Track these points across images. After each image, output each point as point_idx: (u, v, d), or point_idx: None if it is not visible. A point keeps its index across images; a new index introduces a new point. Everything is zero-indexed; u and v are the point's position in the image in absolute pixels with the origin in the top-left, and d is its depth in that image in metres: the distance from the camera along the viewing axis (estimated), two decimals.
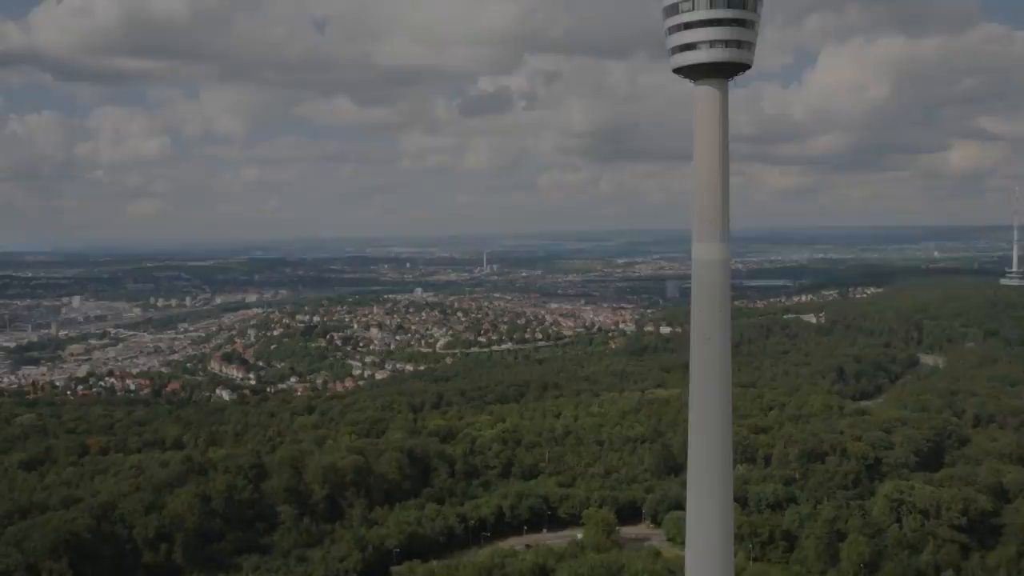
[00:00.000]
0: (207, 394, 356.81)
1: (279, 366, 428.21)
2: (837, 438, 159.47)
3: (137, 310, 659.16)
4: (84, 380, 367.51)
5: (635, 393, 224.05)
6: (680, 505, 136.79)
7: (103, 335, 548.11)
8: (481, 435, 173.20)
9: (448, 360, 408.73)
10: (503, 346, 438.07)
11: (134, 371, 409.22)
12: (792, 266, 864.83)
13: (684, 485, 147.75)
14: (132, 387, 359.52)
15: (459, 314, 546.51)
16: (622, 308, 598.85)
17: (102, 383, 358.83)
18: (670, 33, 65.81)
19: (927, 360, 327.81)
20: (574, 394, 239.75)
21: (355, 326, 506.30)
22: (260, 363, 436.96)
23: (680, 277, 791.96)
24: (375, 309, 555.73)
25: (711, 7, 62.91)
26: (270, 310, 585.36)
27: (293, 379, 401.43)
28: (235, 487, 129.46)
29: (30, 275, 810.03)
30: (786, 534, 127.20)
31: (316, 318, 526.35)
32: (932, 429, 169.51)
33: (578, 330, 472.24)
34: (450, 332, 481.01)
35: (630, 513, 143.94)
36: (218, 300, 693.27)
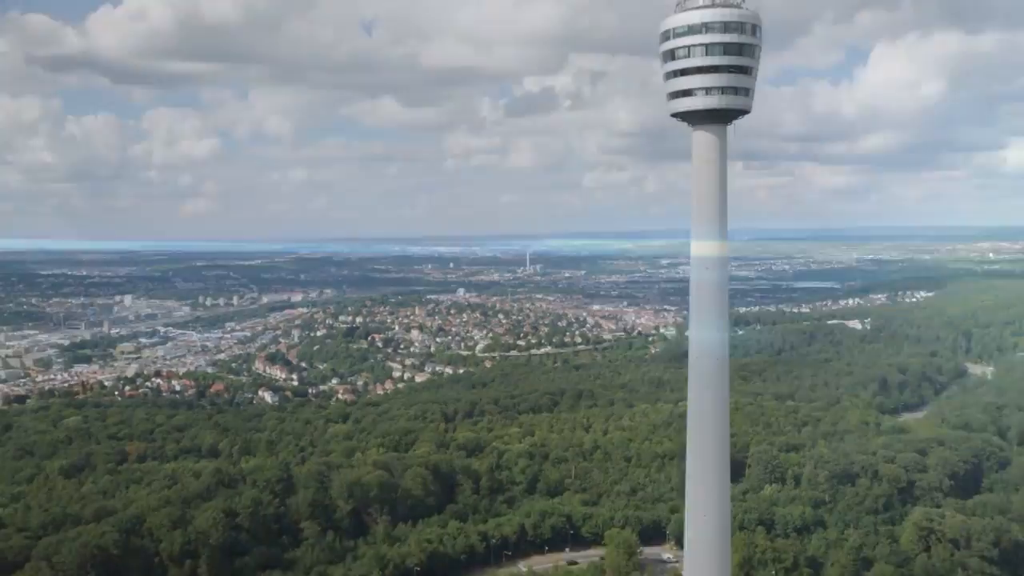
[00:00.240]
0: (249, 396, 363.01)
1: (321, 367, 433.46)
2: (869, 459, 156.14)
3: (186, 309, 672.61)
4: (131, 380, 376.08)
5: (668, 405, 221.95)
6: None
7: (153, 333, 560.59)
8: (508, 449, 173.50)
9: (487, 364, 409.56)
10: (542, 349, 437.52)
11: (181, 371, 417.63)
12: (840, 267, 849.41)
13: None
14: (177, 388, 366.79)
15: (500, 316, 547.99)
16: (665, 310, 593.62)
17: (148, 384, 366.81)
18: (667, 79, 65.19)
19: (975, 370, 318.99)
20: (608, 404, 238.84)
21: (397, 327, 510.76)
22: (303, 364, 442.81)
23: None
24: (417, 310, 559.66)
25: (707, 54, 62.15)
26: (314, 310, 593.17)
27: (334, 381, 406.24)
28: (260, 502, 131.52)
29: (84, 273, 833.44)
30: (811, 560, 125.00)
31: (359, 319, 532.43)
32: (970, 450, 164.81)
33: (618, 334, 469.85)
34: (490, 334, 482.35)
35: (654, 534, 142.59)
36: (264, 299, 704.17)
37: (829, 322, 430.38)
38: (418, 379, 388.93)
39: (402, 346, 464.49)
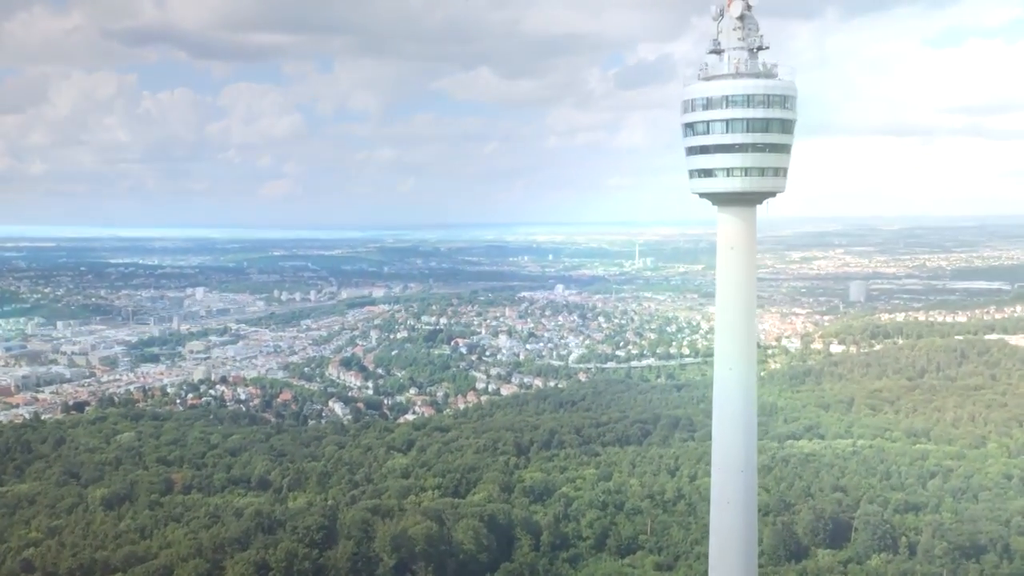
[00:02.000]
0: (318, 407, 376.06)
1: (399, 375, 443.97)
2: (1000, 530, 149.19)
3: (260, 303, 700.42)
4: (195, 387, 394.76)
5: (772, 444, 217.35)
6: None
7: (224, 331, 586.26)
8: (579, 496, 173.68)
9: (580, 376, 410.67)
10: (644, 362, 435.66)
11: (250, 375, 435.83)
12: (1012, 264, 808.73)
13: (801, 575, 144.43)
14: (242, 396, 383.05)
15: (600, 319, 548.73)
16: (793, 314, 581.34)
17: (212, 392, 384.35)
18: (688, 154, 64.15)
19: None
20: (705, 437, 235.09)
21: (483, 331, 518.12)
22: (379, 371, 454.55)
23: (868, 276, 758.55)
24: (507, 311, 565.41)
25: (728, 131, 60.68)
26: (396, 308, 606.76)
27: (412, 391, 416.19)
28: (296, 555, 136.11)
29: (156, 263, 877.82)
30: None
31: (443, 320, 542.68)
32: None
33: None
34: (586, 342, 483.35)
35: None
36: (344, 294, 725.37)
37: (987, 337, 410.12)
38: (503, 391, 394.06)
39: (488, 353, 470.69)
